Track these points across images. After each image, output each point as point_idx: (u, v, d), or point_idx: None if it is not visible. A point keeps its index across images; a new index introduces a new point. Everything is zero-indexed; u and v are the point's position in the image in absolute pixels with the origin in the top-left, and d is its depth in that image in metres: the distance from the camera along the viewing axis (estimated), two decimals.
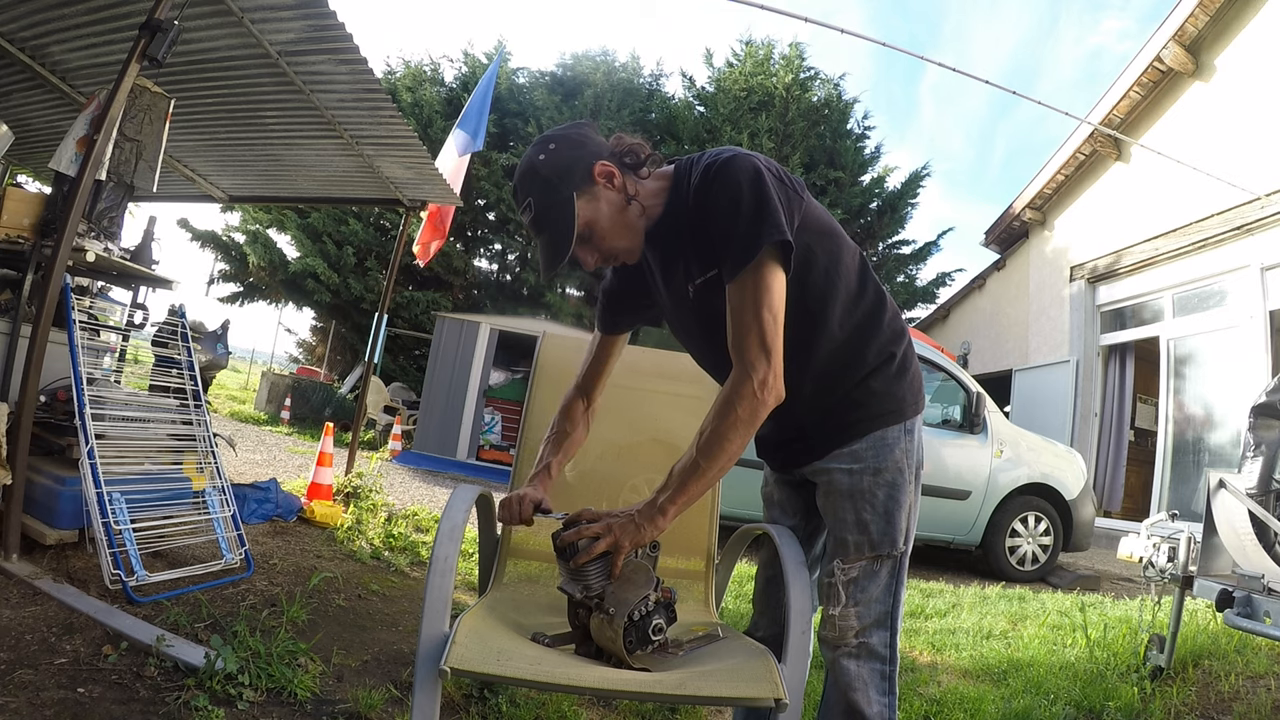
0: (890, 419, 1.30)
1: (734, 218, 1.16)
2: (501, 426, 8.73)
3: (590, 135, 1.28)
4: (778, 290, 1.16)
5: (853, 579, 1.26)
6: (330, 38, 2.88)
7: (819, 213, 1.29)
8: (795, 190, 1.23)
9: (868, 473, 1.28)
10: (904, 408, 1.32)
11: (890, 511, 1.27)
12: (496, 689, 1.93)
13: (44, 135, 4.29)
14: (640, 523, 1.20)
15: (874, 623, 1.26)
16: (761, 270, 1.16)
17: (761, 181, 1.17)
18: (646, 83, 12.49)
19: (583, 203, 1.22)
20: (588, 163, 1.23)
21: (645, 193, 1.28)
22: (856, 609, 1.25)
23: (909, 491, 1.30)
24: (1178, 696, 2.39)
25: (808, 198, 1.27)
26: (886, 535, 1.26)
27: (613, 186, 1.24)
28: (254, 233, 12.00)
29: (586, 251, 1.27)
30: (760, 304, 1.15)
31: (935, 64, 5.28)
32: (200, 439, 2.88)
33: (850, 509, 1.28)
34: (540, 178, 1.23)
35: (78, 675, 1.72)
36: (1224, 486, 2.35)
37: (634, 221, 1.27)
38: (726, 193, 1.18)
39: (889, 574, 1.28)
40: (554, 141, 1.25)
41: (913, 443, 1.33)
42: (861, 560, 1.26)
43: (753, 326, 1.16)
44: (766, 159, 1.24)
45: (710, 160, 1.22)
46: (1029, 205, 9.18)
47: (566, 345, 2.09)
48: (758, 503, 1.62)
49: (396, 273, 4.97)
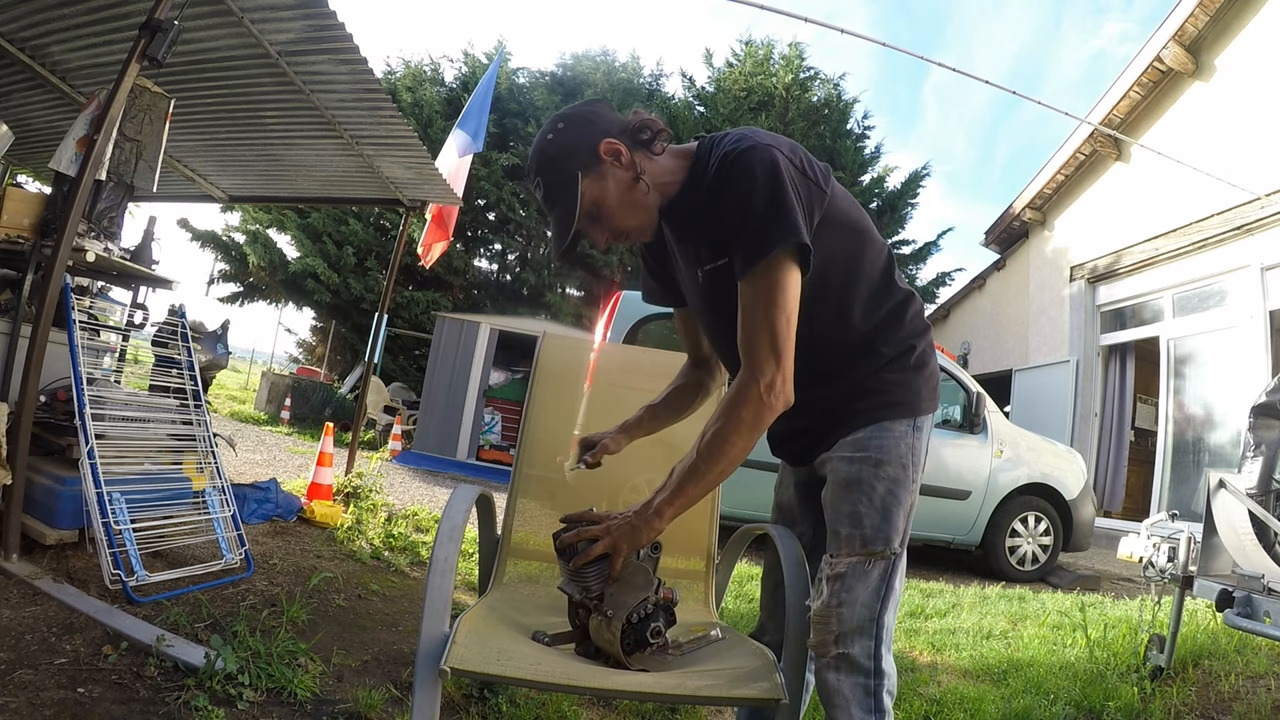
0: (899, 411, 1.26)
1: (748, 214, 1.13)
2: (501, 426, 8.73)
3: (602, 113, 1.25)
4: (791, 291, 1.13)
5: (839, 574, 1.18)
6: (330, 38, 2.88)
7: (845, 205, 1.25)
8: (818, 183, 1.19)
9: (869, 463, 1.23)
10: (916, 402, 1.27)
11: (888, 507, 1.21)
12: (496, 689, 1.93)
13: (44, 135, 4.29)
14: (637, 525, 1.19)
15: (856, 628, 1.15)
16: (775, 270, 1.12)
17: (778, 178, 1.12)
18: (646, 83, 12.50)
19: (589, 181, 1.20)
20: (594, 141, 1.20)
21: (658, 169, 1.25)
22: (840, 609, 1.16)
23: (910, 491, 1.24)
24: (1178, 696, 2.39)
25: (834, 188, 1.23)
26: (881, 532, 1.20)
27: (620, 164, 1.21)
28: (254, 233, 12.00)
29: (596, 230, 1.25)
30: (772, 305, 1.12)
31: (936, 64, 5.29)
32: (200, 439, 2.88)
33: (846, 500, 1.22)
34: (548, 157, 1.21)
35: (78, 675, 1.72)
36: (1224, 486, 2.34)
37: (642, 199, 1.23)
38: (741, 186, 1.14)
39: (880, 576, 1.19)
40: (563, 120, 1.23)
41: (919, 442, 1.27)
42: (852, 556, 1.19)
43: (763, 328, 1.13)
44: (791, 145, 1.20)
45: (731, 147, 1.18)
46: (1029, 205, 9.18)
47: (566, 345, 2.09)
48: (758, 503, 1.62)
49: (396, 273, 4.97)
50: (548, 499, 1.84)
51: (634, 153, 1.22)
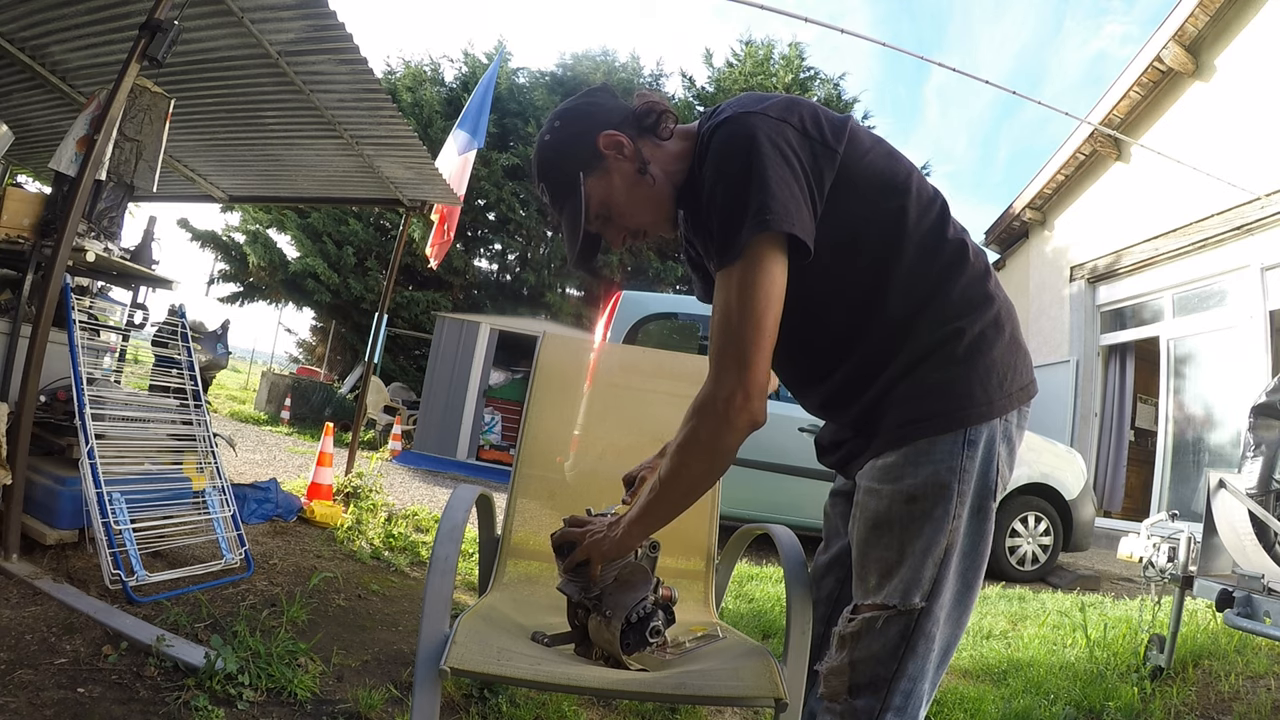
0: (941, 423, 1.00)
1: (714, 203, 0.99)
2: (501, 426, 8.73)
3: (601, 102, 1.14)
4: (765, 289, 0.96)
5: (854, 633, 1.01)
6: (330, 38, 2.88)
7: (871, 159, 1.04)
8: (825, 141, 1.01)
9: (900, 499, 1.00)
10: (967, 408, 1.00)
11: (917, 553, 0.98)
12: (496, 689, 1.93)
13: (44, 135, 4.29)
14: (609, 536, 1.16)
15: (866, 684, 0.99)
16: (747, 266, 0.96)
17: (753, 153, 0.96)
18: (646, 83, 12.50)
19: (593, 181, 1.09)
20: (592, 136, 1.09)
21: (665, 156, 1.12)
22: (849, 669, 1.01)
23: (950, 528, 0.98)
24: (1178, 696, 2.38)
25: (852, 142, 1.03)
26: (897, 583, 0.99)
27: (624, 156, 1.09)
28: (254, 233, 12.00)
29: (611, 231, 1.15)
30: (740, 307, 0.96)
31: (937, 64, 5.29)
32: (200, 439, 2.88)
33: (873, 544, 1.02)
34: (547, 160, 1.12)
35: (78, 675, 1.72)
36: (1224, 486, 2.35)
37: (652, 192, 1.11)
38: (710, 170, 1.00)
39: (899, 634, 0.98)
40: (560, 118, 1.14)
41: (974, 460, 0.99)
42: (866, 612, 1.01)
43: (725, 333, 0.98)
44: (786, 105, 1.02)
45: (717, 120, 1.04)
46: (1029, 205, 9.18)
47: (566, 345, 2.09)
48: (758, 503, 1.61)
49: (396, 273, 4.97)
50: (548, 499, 1.84)
51: (639, 141, 1.10)
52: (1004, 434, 1.03)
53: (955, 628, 1.03)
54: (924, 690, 1.00)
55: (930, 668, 1.01)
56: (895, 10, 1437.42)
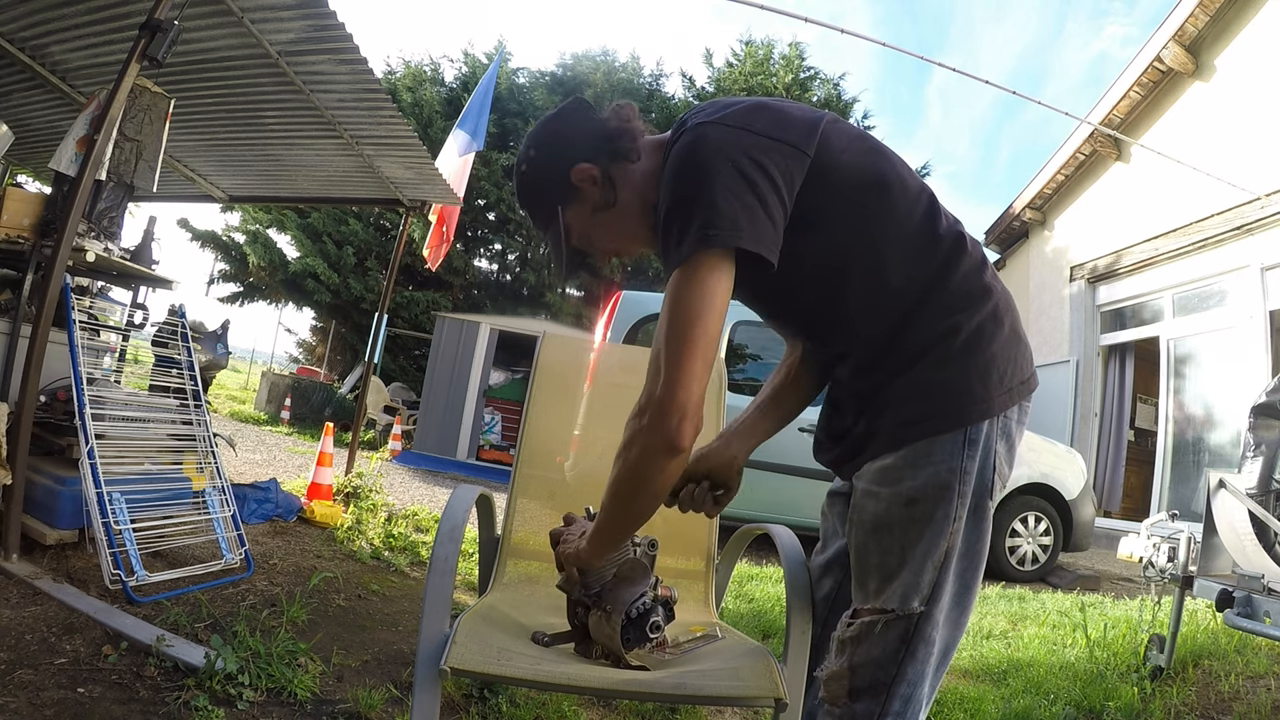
0: (939, 423, 0.98)
1: (663, 217, 0.99)
2: (501, 426, 8.73)
3: (575, 125, 1.13)
4: (702, 302, 0.93)
5: (853, 638, 1.01)
6: (330, 38, 2.88)
7: (847, 158, 1.01)
8: (793, 143, 0.98)
9: (899, 502, 0.99)
10: (967, 405, 0.98)
11: (917, 557, 0.98)
12: (496, 689, 1.93)
13: (44, 135, 4.29)
14: (574, 552, 1.18)
15: (866, 688, 0.99)
16: (685, 279, 0.94)
17: (702, 165, 0.94)
18: (646, 83, 12.50)
19: (571, 213, 1.12)
20: (564, 170, 1.09)
21: (638, 179, 1.10)
22: (849, 673, 1.00)
23: (950, 531, 0.97)
24: (1178, 696, 2.39)
25: (824, 142, 1.00)
26: (896, 587, 0.98)
27: (597, 186, 1.10)
28: (254, 233, 12.00)
29: (595, 253, 1.19)
30: (675, 320, 0.94)
31: (937, 64, 5.29)
32: (200, 439, 2.88)
33: (871, 548, 1.02)
34: (526, 191, 1.16)
35: (78, 675, 1.72)
36: (1224, 486, 2.35)
37: (627, 219, 1.12)
38: (665, 185, 1.00)
39: (899, 638, 0.98)
40: (534, 146, 1.14)
41: (974, 459, 0.98)
42: (865, 616, 1.01)
43: (660, 344, 0.95)
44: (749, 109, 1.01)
45: (678, 134, 1.04)
46: (1029, 205, 9.19)
47: (566, 345, 2.09)
48: (758, 503, 1.60)
49: (396, 273, 4.97)
50: (548, 499, 1.84)
51: (611, 168, 1.10)
52: (1003, 430, 1.02)
53: (954, 629, 1.03)
54: (923, 694, 1.01)
55: (929, 671, 1.00)
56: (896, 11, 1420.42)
